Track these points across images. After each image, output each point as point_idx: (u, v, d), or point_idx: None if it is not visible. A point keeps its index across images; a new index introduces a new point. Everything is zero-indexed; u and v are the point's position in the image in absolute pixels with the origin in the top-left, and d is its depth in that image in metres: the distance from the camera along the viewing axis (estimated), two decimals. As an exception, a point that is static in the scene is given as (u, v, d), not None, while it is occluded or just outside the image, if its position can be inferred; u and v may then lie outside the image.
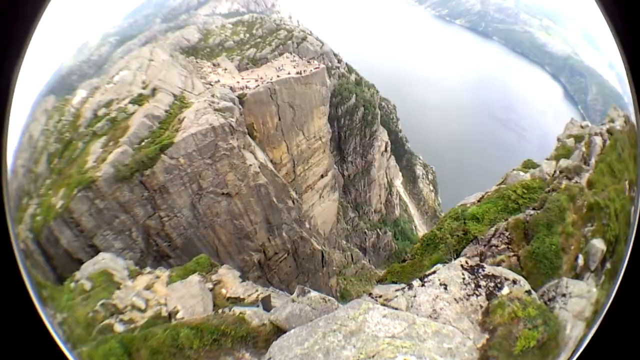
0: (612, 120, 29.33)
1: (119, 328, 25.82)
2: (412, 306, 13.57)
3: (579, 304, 13.32)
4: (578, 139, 31.41)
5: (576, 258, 17.87)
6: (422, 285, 14.50)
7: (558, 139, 34.26)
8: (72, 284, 31.84)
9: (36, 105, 56.88)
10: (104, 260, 35.54)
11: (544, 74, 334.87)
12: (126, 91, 60.77)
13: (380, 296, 15.06)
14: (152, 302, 28.99)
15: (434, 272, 15.05)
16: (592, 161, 25.17)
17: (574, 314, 12.81)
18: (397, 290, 15.15)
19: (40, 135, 57.50)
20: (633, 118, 6.13)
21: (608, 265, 16.39)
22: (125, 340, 17.31)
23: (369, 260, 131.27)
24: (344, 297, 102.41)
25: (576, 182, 23.16)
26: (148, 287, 31.50)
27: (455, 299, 13.53)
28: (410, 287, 14.80)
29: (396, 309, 12.98)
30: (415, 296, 13.99)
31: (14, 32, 4.96)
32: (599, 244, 17.08)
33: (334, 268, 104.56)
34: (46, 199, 49.57)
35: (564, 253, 18.46)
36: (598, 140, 26.81)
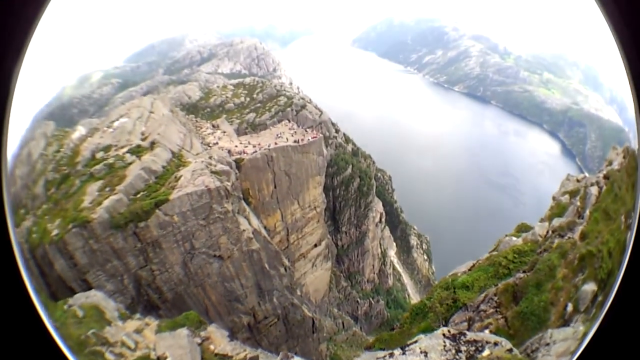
0: (610, 163, 29.48)
1: (109, 357, 25.42)
2: (391, 372, 13.76)
3: (564, 345, 13.28)
4: (573, 193, 31.66)
5: (565, 307, 17.73)
6: (403, 353, 14.79)
7: (553, 198, 34.47)
8: (65, 306, 31.49)
9: (35, 121, 57.28)
10: (96, 297, 35.19)
11: (542, 133, 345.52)
12: (125, 139, 61.86)
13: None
14: (142, 345, 28.55)
15: (416, 342, 15.31)
16: (587, 213, 25.17)
17: (557, 355, 12.76)
18: (379, 358, 15.29)
19: (38, 157, 58.09)
20: (635, 144, 6.13)
21: (600, 297, 16.19)
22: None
23: (361, 328, 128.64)
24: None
25: (569, 237, 23.17)
26: (138, 331, 31.05)
27: None
28: (391, 355, 14.96)
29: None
30: (395, 363, 14.22)
31: (14, 32, 5.06)
32: (589, 287, 17.02)
33: (325, 334, 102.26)
34: (42, 221, 49.68)
35: (553, 306, 18.38)
36: (594, 190, 26.86)
